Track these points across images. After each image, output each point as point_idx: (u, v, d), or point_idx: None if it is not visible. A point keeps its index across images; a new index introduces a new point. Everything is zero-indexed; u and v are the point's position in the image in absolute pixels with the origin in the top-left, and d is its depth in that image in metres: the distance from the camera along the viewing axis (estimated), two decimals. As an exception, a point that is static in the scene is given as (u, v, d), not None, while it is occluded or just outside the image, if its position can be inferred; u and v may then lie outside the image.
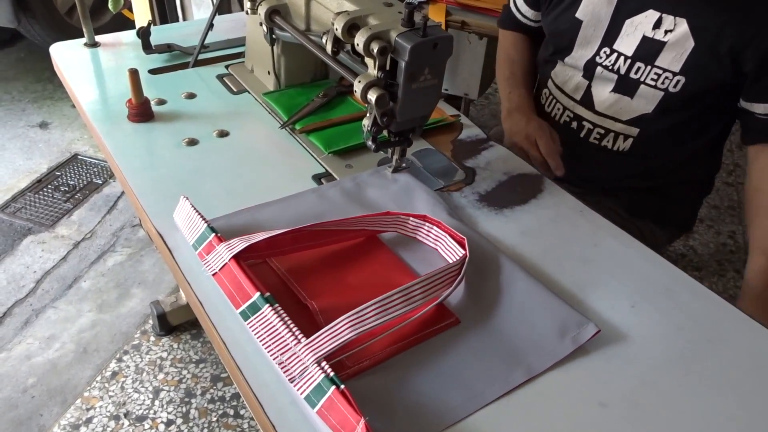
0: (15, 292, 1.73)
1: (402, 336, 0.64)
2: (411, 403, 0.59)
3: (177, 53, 1.18)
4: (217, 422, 1.42)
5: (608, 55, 1.03)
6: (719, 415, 0.61)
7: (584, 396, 0.62)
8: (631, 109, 1.04)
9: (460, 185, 0.91)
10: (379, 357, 0.62)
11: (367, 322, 0.60)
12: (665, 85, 0.99)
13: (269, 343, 0.61)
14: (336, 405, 0.54)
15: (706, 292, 0.76)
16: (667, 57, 0.97)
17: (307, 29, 0.95)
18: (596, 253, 0.80)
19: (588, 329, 0.66)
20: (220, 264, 0.69)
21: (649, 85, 1.00)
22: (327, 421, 0.55)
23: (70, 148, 2.32)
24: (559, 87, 1.14)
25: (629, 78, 1.02)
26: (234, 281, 0.67)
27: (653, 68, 0.99)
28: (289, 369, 0.59)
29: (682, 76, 0.97)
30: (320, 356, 0.58)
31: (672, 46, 0.96)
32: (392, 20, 0.76)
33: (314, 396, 0.56)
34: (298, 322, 0.62)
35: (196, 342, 1.60)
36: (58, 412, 1.43)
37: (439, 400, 0.59)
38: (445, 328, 0.66)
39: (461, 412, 0.59)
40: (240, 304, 0.65)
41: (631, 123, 1.05)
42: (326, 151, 0.94)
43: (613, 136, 1.07)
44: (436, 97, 0.81)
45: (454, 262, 0.69)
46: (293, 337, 0.60)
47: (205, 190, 0.84)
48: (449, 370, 0.62)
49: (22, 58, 2.93)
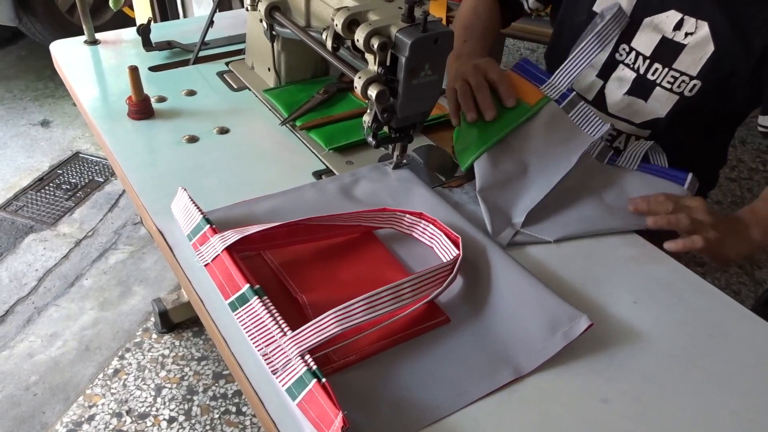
0: (17, 290, 1.74)
1: (390, 332, 0.64)
2: (395, 399, 0.59)
3: (177, 50, 1.18)
4: (219, 419, 1.42)
5: (628, 53, 1.01)
6: (722, 411, 0.61)
7: (586, 392, 0.62)
8: (645, 112, 1.02)
9: (460, 181, 0.91)
10: (366, 352, 0.62)
11: (354, 317, 0.60)
12: (681, 89, 0.97)
13: (255, 334, 0.61)
14: (316, 398, 0.54)
15: (709, 287, 0.75)
16: (686, 60, 0.95)
17: (307, 25, 0.95)
18: (598, 249, 0.80)
19: (580, 323, 0.65)
20: (212, 255, 0.69)
21: (665, 87, 0.98)
22: (306, 414, 0.55)
23: (72, 146, 2.32)
24: None
25: (646, 78, 1.00)
26: (225, 272, 0.67)
27: (671, 71, 0.97)
28: (272, 361, 0.59)
29: (698, 81, 0.95)
30: (304, 349, 0.58)
31: (691, 49, 0.94)
32: (392, 16, 0.75)
33: (295, 389, 0.56)
34: (288, 315, 0.62)
35: (198, 339, 1.60)
36: (60, 410, 1.43)
37: (424, 396, 0.59)
38: (434, 326, 0.66)
39: (445, 410, 0.58)
40: (229, 295, 0.65)
41: (643, 126, 1.04)
42: (327, 147, 0.94)
43: (625, 138, 1.07)
44: (437, 92, 0.81)
45: (447, 262, 0.69)
46: (279, 330, 0.60)
47: (205, 187, 0.84)
48: (436, 368, 0.62)
49: (24, 56, 2.93)
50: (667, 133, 1.03)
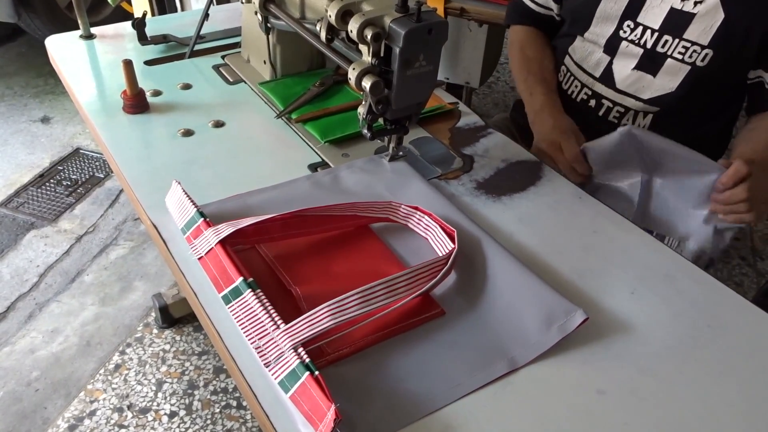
0: (18, 287, 1.74)
1: (384, 325, 0.64)
2: (389, 391, 0.59)
3: (173, 44, 1.18)
4: (220, 413, 1.43)
5: (633, 29, 1.00)
6: (719, 401, 0.61)
7: (582, 383, 0.61)
8: (653, 87, 1.02)
9: (457, 173, 0.90)
10: (359, 345, 0.62)
11: (347, 311, 0.60)
12: (693, 59, 0.96)
13: (248, 327, 0.61)
14: (309, 391, 0.54)
15: (707, 278, 0.75)
16: (696, 29, 0.95)
17: (301, 17, 0.94)
18: (596, 240, 0.79)
19: (575, 317, 0.64)
20: (206, 248, 0.69)
21: (676, 58, 0.98)
22: (299, 406, 0.55)
23: (72, 142, 2.32)
24: (577, 63, 1.11)
25: (656, 52, 0.99)
26: (218, 265, 0.67)
27: (681, 41, 0.96)
28: (265, 354, 0.59)
29: (710, 50, 0.95)
30: (297, 342, 0.58)
31: (702, 17, 0.94)
32: (386, 6, 0.75)
33: (288, 381, 0.56)
34: (282, 308, 0.61)
35: (199, 334, 1.61)
36: (62, 405, 1.43)
37: (418, 389, 0.59)
38: (429, 318, 0.66)
39: (439, 402, 0.58)
40: (223, 289, 0.65)
41: (651, 102, 1.03)
42: (322, 140, 0.93)
43: (633, 115, 1.05)
44: (432, 83, 0.80)
45: (442, 256, 0.69)
46: (272, 323, 0.60)
47: (200, 181, 0.84)
48: (430, 361, 0.62)
49: (23, 53, 2.93)
50: (675, 111, 1.02)
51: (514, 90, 2.82)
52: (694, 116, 1.03)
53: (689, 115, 1.03)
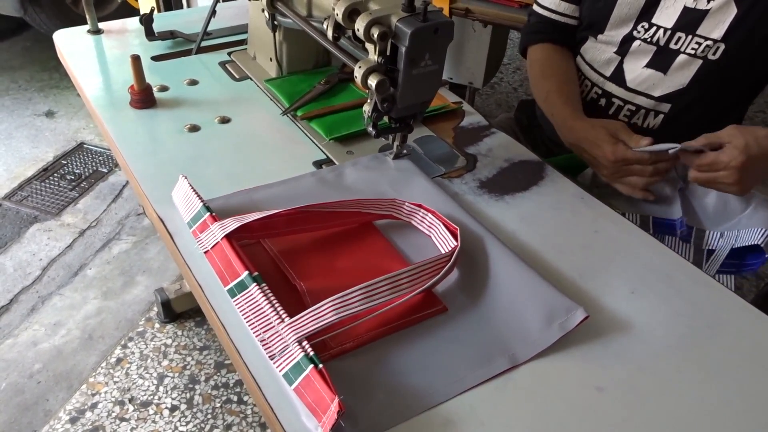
0: (21, 280, 1.75)
1: (387, 320, 0.65)
2: (391, 385, 0.59)
3: (180, 40, 1.18)
4: (221, 408, 1.44)
5: (646, 30, 1.01)
6: (717, 401, 0.61)
7: (581, 380, 0.62)
8: (663, 85, 1.02)
9: (461, 172, 0.91)
10: (363, 339, 0.63)
11: (351, 306, 0.60)
12: (705, 53, 0.97)
13: (253, 320, 0.62)
14: (312, 383, 0.55)
15: (706, 278, 0.75)
16: (709, 25, 0.96)
17: (308, 15, 0.95)
18: (597, 240, 0.80)
19: (576, 315, 0.65)
20: (212, 242, 0.70)
21: (688, 54, 0.98)
22: (303, 398, 0.55)
23: (76, 136, 2.33)
24: (588, 62, 1.11)
25: (668, 49, 1.00)
26: (224, 259, 0.67)
27: (694, 37, 0.97)
28: (270, 347, 0.60)
29: (722, 43, 0.96)
30: (301, 336, 0.58)
31: (714, 13, 0.95)
32: (393, 5, 0.75)
33: (292, 374, 0.57)
34: (286, 302, 0.62)
35: (200, 329, 1.61)
36: (63, 398, 1.44)
37: (419, 383, 0.60)
38: (431, 314, 0.67)
39: (440, 396, 0.59)
40: (228, 282, 0.66)
41: (662, 99, 1.03)
42: (327, 137, 0.94)
43: (644, 113, 1.06)
44: (437, 82, 0.81)
45: (444, 253, 0.70)
46: (277, 316, 0.61)
47: (206, 176, 0.85)
48: (432, 356, 0.62)
49: (29, 47, 2.94)
50: (685, 108, 1.02)
51: (516, 91, 2.83)
52: (705, 114, 1.04)
53: (699, 113, 1.03)
